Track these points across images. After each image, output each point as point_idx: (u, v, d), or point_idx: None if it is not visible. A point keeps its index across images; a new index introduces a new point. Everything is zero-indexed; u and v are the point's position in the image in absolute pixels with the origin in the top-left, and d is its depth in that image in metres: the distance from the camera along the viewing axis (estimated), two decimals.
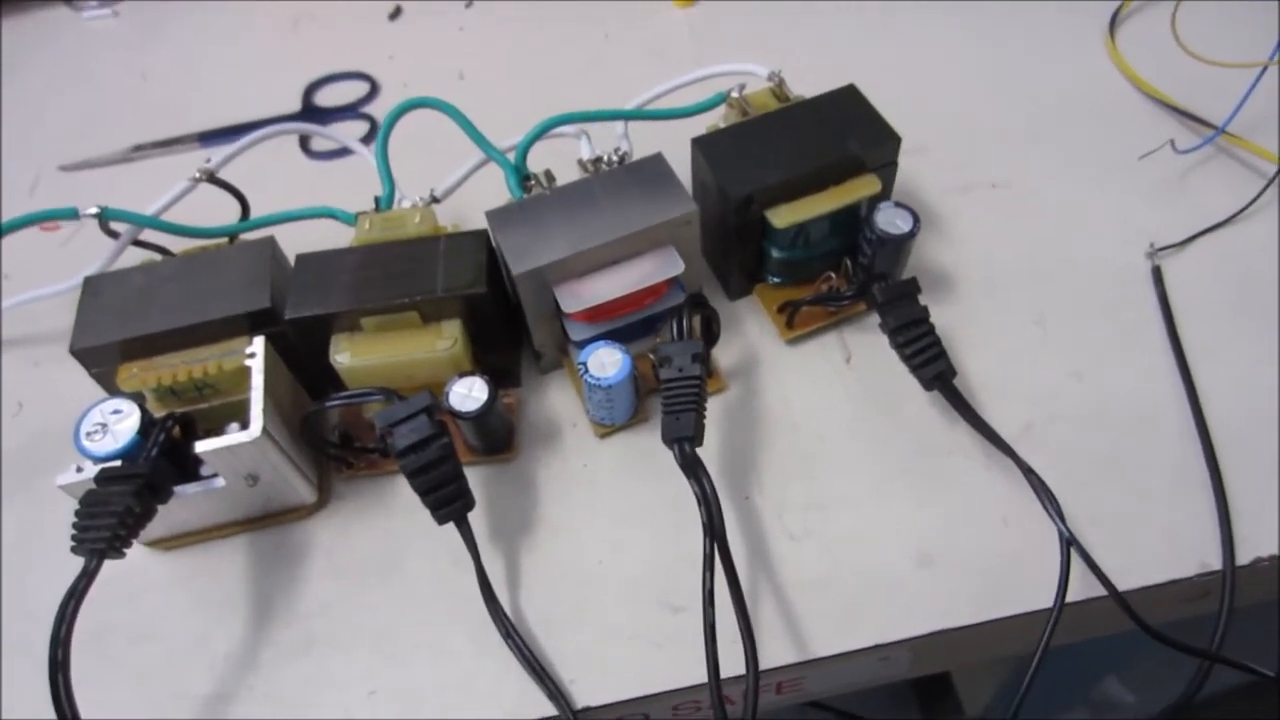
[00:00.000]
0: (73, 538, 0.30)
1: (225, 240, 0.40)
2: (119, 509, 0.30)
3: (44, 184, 0.52)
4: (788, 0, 0.56)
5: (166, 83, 0.57)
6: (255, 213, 0.41)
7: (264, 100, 0.55)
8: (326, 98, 0.55)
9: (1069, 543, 0.31)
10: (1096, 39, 0.52)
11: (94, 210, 0.37)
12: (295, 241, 0.39)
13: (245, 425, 0.34)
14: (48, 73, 0.58)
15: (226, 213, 0.41)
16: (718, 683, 0.29)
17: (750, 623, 0.30)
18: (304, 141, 0.52)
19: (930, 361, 0.35)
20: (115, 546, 0.30)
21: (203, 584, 0.36)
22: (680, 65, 0.44)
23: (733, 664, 0.30)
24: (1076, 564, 0.32)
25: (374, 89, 0.55)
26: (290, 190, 0.42)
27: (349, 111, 0.54)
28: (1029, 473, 0.33)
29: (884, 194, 0.39)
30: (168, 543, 0.37)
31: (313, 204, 0.40)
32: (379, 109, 0.54)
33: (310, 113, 0.54)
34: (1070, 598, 0.31)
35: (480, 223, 0.38)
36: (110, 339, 0.35)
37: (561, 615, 0.34)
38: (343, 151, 0.51)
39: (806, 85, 0.41)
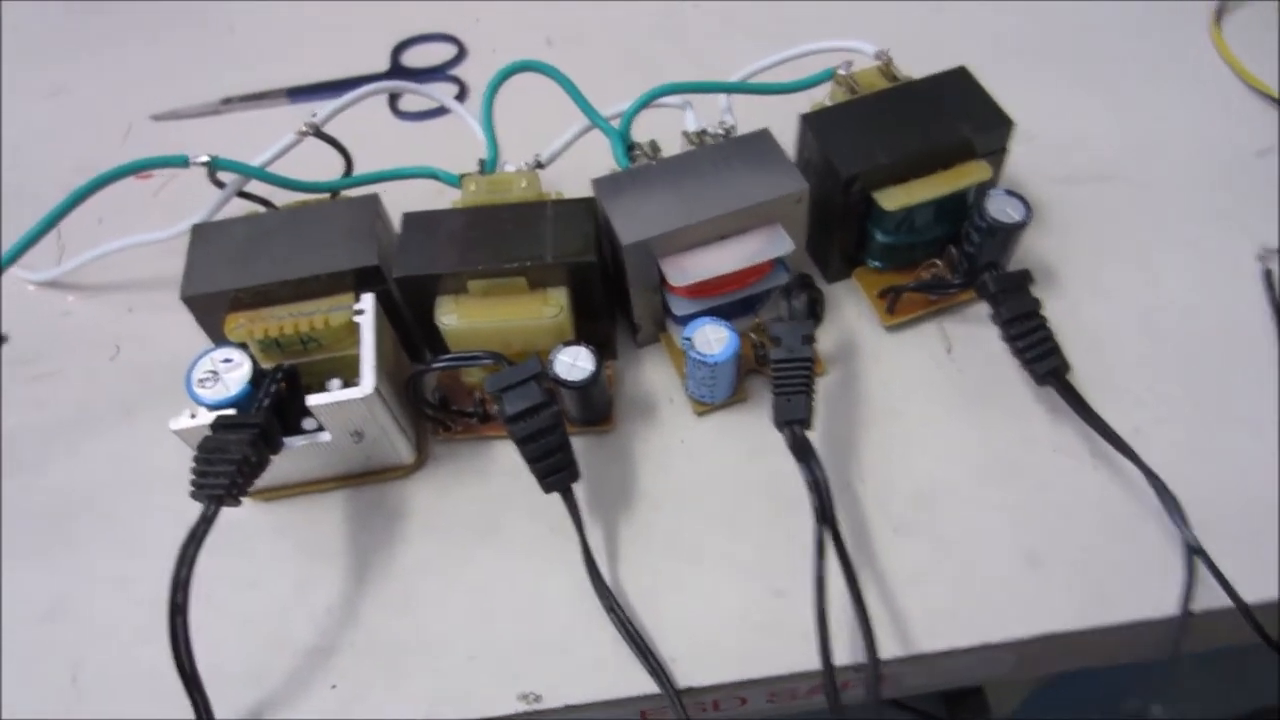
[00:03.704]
0: (192, 483, 0.31)
1: (326, 195, 0.40)
2: (237, 457, 0.30)
3: (136, 132, 0.52)
4: None
5: (254, 36, 0.57)
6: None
7: (351, 59, 0.55)
8: (414, 59, 0.55)
9: (1195, 552, 0.31)
10: (1202, 30, 0.51)
11: (204, 159, 0.37)
12: (391, 201, 0.39)
13: (346, 381, 0.35)
14: (137, 21, 0.58)
15: (318, 168, 0.41)
16: (831, 671, 0.29)
17: (867, 612, 0.29)
18: (393, 101, 0.52)
19: (1044, 356, 0.35)
20: (233, 494, 0.30)
21: (302, 536, 0.36)
22: (767, 39, 0.43)
23: (838, 653, 0.30)
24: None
25: (462, 52, 0.55)
26: (379, 150, 0.42)
27: (437, 73, 0.54)
28: (1151, 476, 0.32)
29: (993, 181, 0.38)
30: (266, 494, 0.37)
31: (402, 164, 0.40)
32: (467, 72, 0.54)
33: (398, 73, 0.54)
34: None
35: (576, 190, 0.38)
36: (221, 288, 0.35)
37: (661, 591, 0.34)
38: (432, 113, 0.51)
39: (902, 65, 0.40)
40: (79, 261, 0.44)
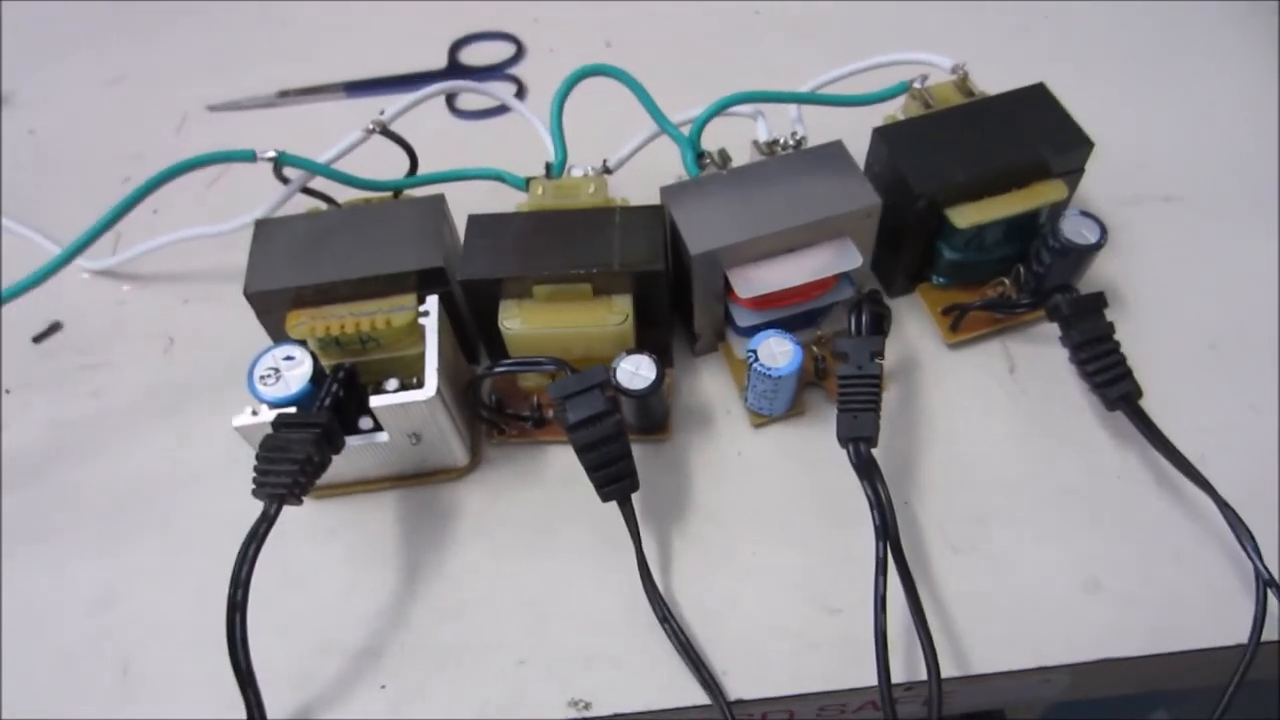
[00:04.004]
0: (254, 481, 0.30)
1: (389, 194, 0.40)
2: (300, 457, 0.30)
3: (191, 123, 0.52)
4: None
5: (310, 30, 0.57)
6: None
7: (408, 54, 0.55)
8: (472, 56, 0.55)
9: (1267, 584, 0.30)
10: (1271, 53, 0.50)
11: (271, 154, 0.37)
12: (451, 201, 0.38)
13: (402, 380, 0.34)
14: (194, 12, 0.58)
15: (377, 165, 0.40)
16: (889, 688, 0.29)
17: (930, 631, 0.29)
18: (450, 99, 0.52)
19: (1116, 381, 0.34)
20: (295, 493, 0.30)
21: (352, 536, 0.36)
22: (834, 49, 0.42)
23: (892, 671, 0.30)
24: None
25: (520, 51, 0.54)
26: (435, 148, 0.41)
27: (495, 72, 0.53)
28: (1224, 507, 0.32)
29: (1066, 201, 0.38)
30: (318, 492, 0.37)
31: (458, 162, 0.40)
32: (525, 71, 0.54)
33: (456, 70, 0.54)
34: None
35: (641, 196, 0.37)
36: (284, 285, 0.35)
37: (714, 604, 0.34)
38: (489, 112, 0.51)
39: (978, 78, 0.40)
40: (135, 252, 0.44)
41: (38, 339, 0.44)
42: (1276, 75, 0.49)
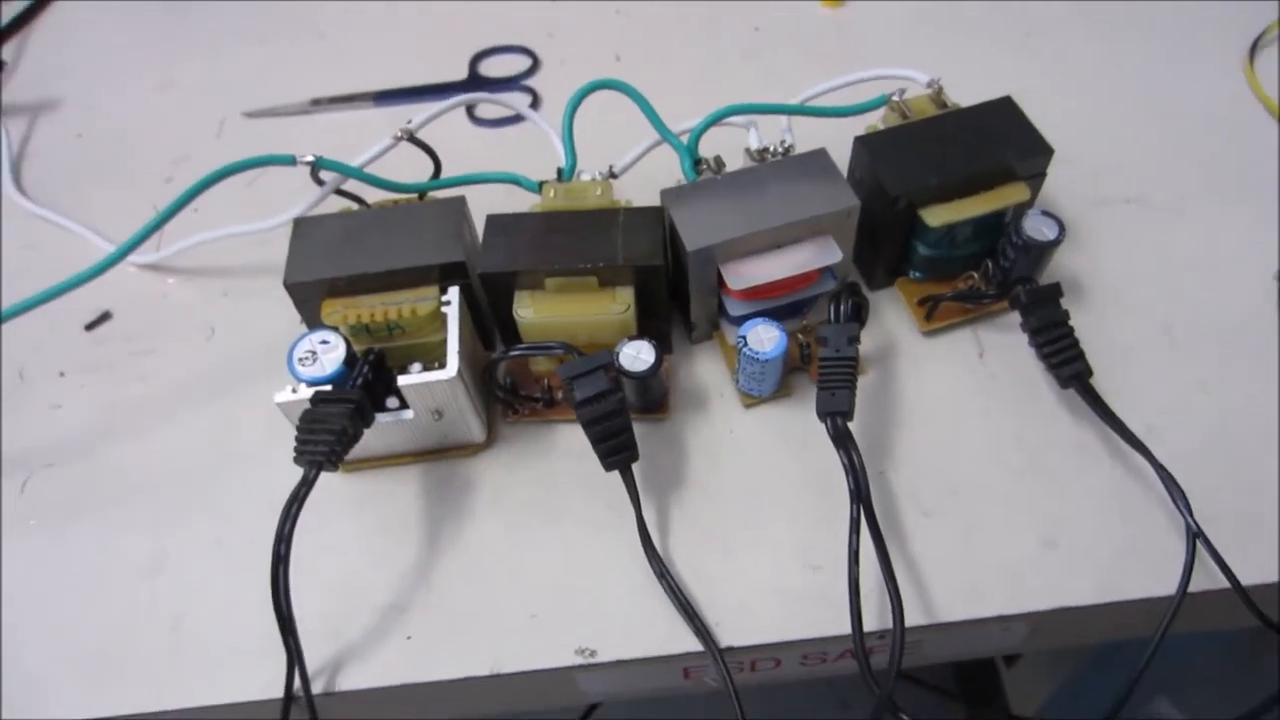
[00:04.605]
0: (295, 449, 0.34)
1: (415, 196, 0.43)
2: (336, 428, 0.34)
3: (229, 128, 0.56)
4: (933, 2, 0.58)
5: (342, 42, 0.61)
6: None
7: (432, 65, 0.58)
8: (491, 68, 0.59)
9: (1195, 536, 0.34)
10: (1236, 64, 0.53)
11: (309, 159, 0.41)
12: (471, 202, 0.42)
13: (425, 365, 0.38)
14: (235, 24, 0.63)
15: (404, 169, 0.43)
16: (860, 634, 0.33)
17: (897, 582, 0.33)
18: (470, 109, 0.56)
19: (1068, 362, 0.37)
20: (331, 460, 0.34)
21: (381, 506, 0.40)
22: (827, 65, 0.46)
23: (866, 620, 0.34)
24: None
25: (535, 64, 0.58)
26: (455, 153, 0.44)
27: (512, 84, 0.57)
28: (1160, 469, 0.35)
29: (1030, 202, 0.41)
30: (349, 466, 0.41)
31: (477, 167, 0.43)
32: (540, 83, 0.57)
33: (475, 81, 0.58)
34: (1191, 589, 0.34)
35: (644, 198, 0.41)
36: (319, 276, 0.39)
37: (707, 564, 0.37)
38: (506, 120, 0.55)
39: (949, 92, 0.43)
40: (179, 247, 0.48)
41: (89, 327, 0.48)
42: (1241, 87, 0.52)
